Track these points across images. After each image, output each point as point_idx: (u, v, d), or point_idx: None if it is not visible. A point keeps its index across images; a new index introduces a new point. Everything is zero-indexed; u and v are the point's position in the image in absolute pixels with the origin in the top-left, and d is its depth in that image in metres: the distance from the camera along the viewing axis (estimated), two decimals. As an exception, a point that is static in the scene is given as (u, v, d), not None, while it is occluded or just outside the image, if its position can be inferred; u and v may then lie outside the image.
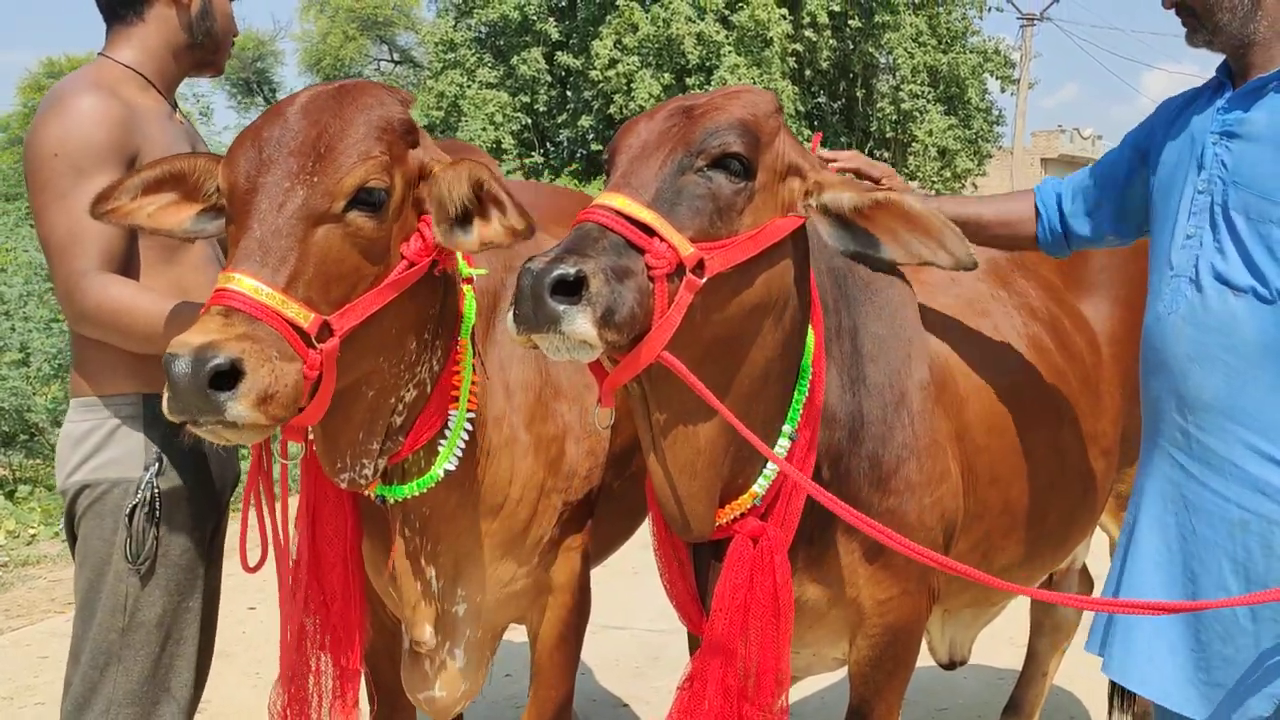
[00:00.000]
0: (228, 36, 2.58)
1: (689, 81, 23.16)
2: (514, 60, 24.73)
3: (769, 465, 2.15)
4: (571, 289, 1.72)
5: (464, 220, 2.03)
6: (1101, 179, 2.50)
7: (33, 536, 6.88)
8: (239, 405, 1.70)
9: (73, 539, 2.44)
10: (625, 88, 22.94)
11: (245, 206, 1.88)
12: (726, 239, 1.93)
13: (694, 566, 2.33)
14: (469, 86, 24.61)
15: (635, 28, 22.97)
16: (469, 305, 2.23)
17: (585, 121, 24.30)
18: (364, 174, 1.90)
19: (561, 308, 1.71)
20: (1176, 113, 2.31)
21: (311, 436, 2.14)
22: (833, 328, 2.29)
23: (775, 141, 2.05)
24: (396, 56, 37.57)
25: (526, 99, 24.87)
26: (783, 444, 2.16)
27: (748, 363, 2.06)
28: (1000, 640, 3.95)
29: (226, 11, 2.56)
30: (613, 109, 23.13)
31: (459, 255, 2.20)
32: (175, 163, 2.09)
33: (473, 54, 25.44)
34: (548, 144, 26.00)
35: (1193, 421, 2.14)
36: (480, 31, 26.21)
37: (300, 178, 1.88)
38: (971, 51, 26.93)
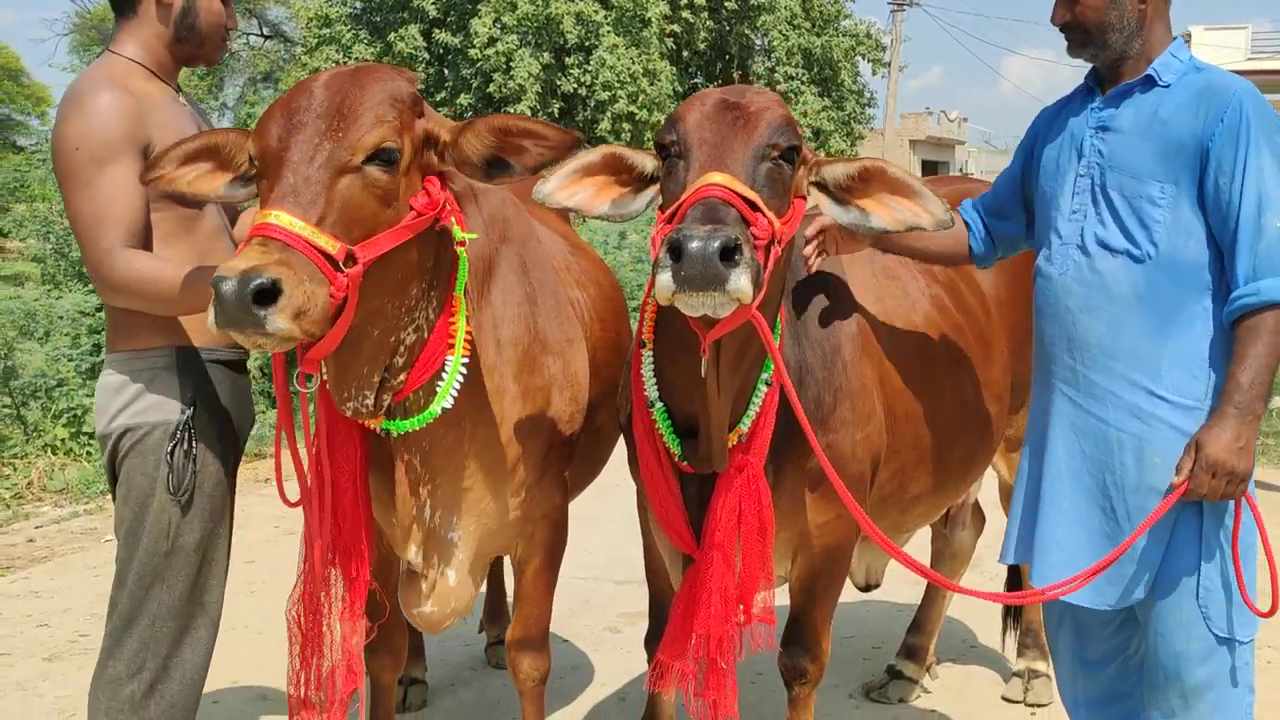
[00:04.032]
0: (215, 31, 2.79)
1: (568, 61, 23.34)
2: (391, 37, 24.44)
3: (752, 406, 2.55)
4: (728, 254, 2.04)
5: (494, 166, 2.40)
6: (1004, 184, 2.98)
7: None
8: (278, 319, 2.01)
9: (113, 478, 2.71)
10: (504, 66, 22.97)
11: (278, 161, 2.21)
12: (786, 216, 2.34)
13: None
14: (344, 63, 24.29)
15: (514, 6, 22.98)
16: (463, 264, 2.54)
17: (464, 100, 24.19)
18: (382, 134, 2.25)
19: (728, 270, 2.04)
20: (1053, 117, 2.82)
21: (324, 372, 2.43)
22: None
23: (801, 136, 2.45)
24: (267, 31, 36.87)
25: (404, 76, 24.72)
26: (761, 389, 2.55)
27: (768, 319, 2.43)
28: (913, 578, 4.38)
29: (214, 10, 2.77)
30: (491, 88, 23.12)
31: (453, 221, 2.52)
32: (209, 137, 2.43)
33: (348, 30, 25.06)
34: (426, 122, 25.87)
35: (1080, 360, 2.64)
36: (355, 7, 25.89)
37: (327, 135, 2.21)
38: (844, 35, 27.65)
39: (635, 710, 3.35)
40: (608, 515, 5.52)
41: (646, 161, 2.53)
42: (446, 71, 25.11)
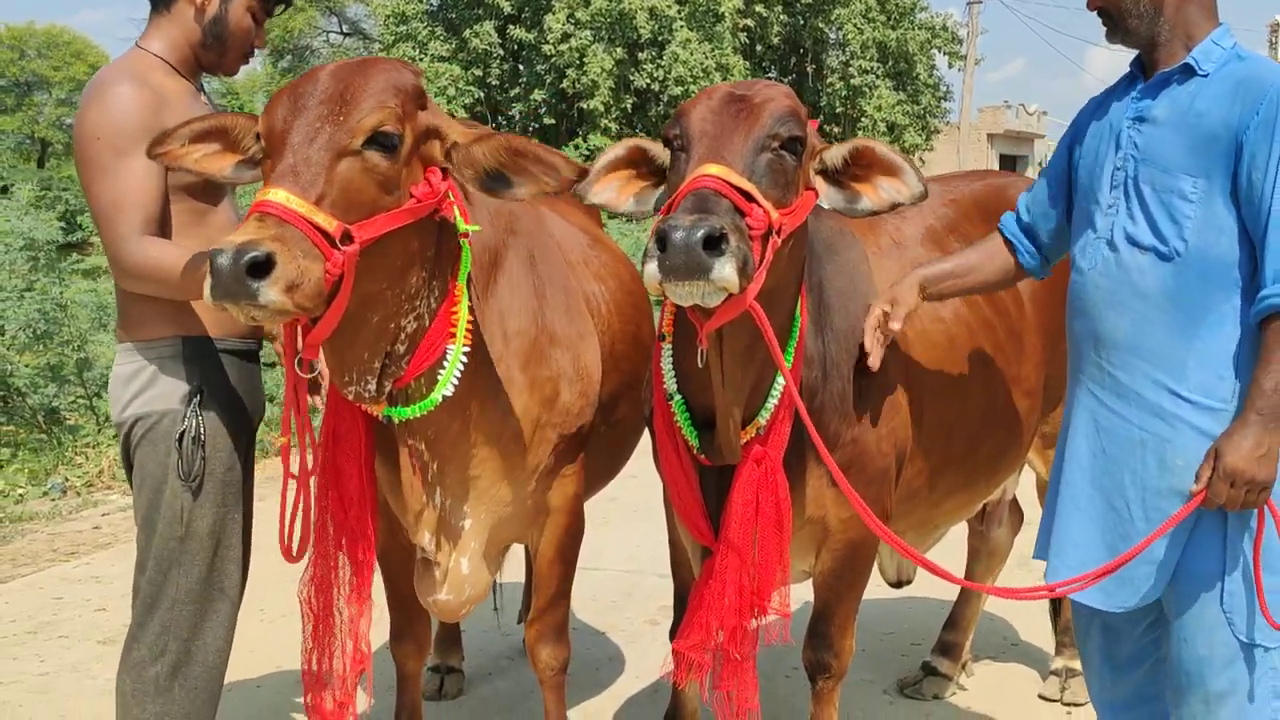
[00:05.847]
0: (239, 46, 2.87)
1: (641, 56, 23.41)
2: (466, 33, 24.73)
3: (770, 399, 2.55)
4: (713, 244, 2.07)
5: (495, 180, 2.43)
6: (1049, 178, 2.89)
7: (22, 495, 7.16)
8: (270, 291, 2.04)
9: (128, 466, 2.79)
10: (578, 62, 23.11)
11: (281, 142, 2.26)
12: (790, 207, 2.35)
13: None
14: (421, 60, 24.57)
15: (588, 2, 23.10)
16: (465, 255, 2.58)
17: (538, 95, 24.39)
18: (380, 118, 2.28)
19: (712, 259, 2.06)
20: (1098, 105, 2.74)
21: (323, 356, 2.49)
22: (807, 283, 2.68)
23: (807, 126, 2.45)
24: (346, 29, 37.44)
25: (479, 72, 24.93)
26: (780, 382, 2.55)
27: (779, 311, 2.47)
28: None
29: (244, 26, 2.84)
30: (565, 83, 23.28)
31: (456, 212, 2.55)
32: (219, 119, 2.49)
33: (424, 27, 25.40)
34: (500, 118, 26.08)
35: (1105, 358, 2.58)
36: (432, 4, 26.18)
37: (328, 119, 2.26)
38: (920, 28, 27.38)
39: (667, 703, 3.37)
40: (654, 507, 5.52)
41: (663, 154, 2.55)
42: (521, 67, 25.32)
